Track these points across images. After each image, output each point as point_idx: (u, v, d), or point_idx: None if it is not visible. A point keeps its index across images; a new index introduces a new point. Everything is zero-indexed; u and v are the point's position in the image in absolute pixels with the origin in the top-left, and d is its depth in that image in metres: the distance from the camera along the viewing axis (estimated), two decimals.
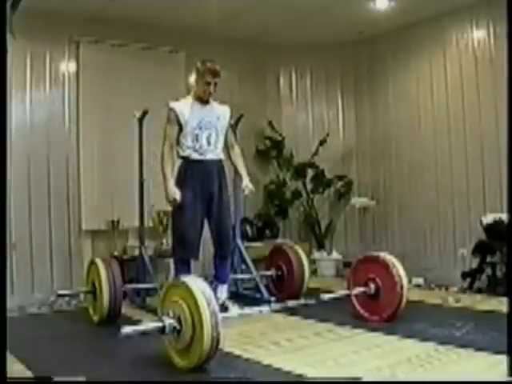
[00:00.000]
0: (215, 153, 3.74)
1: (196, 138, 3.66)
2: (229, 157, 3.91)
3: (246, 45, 5.93)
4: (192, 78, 3.78)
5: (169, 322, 2.66)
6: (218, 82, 3.73)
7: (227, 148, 3.89)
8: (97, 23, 5.03)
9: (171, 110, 3.67)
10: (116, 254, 4.89)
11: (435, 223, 5.41)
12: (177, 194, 3.56)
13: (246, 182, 3.86)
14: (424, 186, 5.53)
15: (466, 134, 5.13)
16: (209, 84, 3.66)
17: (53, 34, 4.89)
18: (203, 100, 3.73)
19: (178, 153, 3.70)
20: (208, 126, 3.70)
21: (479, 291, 4.50)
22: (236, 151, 3.96)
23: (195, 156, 3.67)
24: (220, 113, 3.81)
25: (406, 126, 5.73)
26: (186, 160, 3.68)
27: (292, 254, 4.43)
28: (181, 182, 3.63)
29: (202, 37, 5.40)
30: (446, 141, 5.31)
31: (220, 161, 3.78)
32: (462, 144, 5.16)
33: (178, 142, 3.69)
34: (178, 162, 3.73)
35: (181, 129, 3.66)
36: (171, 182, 3.58)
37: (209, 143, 3.70)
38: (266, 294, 4.27)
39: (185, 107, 3.69)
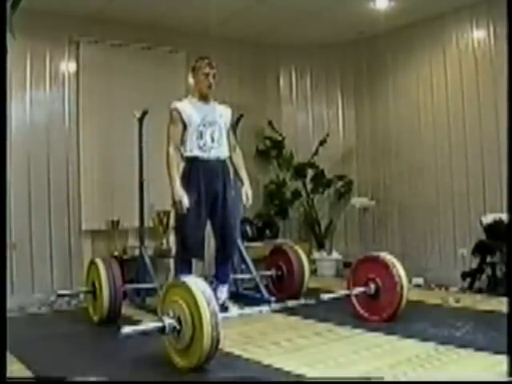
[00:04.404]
0: (219, 150, 3.74)
1: (200, 135, 3.67)
2: (230, 158, 3.91)
3: (245, 45, 5.93)
4: (190, 79, 3.79)
5: (169, 322, 2.66)
6: (218, 81, 3.76)
7: (229, 149, 3.89)
8: (97, 23, 5.03)
9: (174, 109, 3.69)
10: (116, 254, 4.88)
11: (435, 223, 5.41)
12: (184, 197, 3.53)
13: (247, 188, 3.88)
14: (424, 186, 5.53)
15: (466, 134, 5.13)
16: (207, 75, 3.70)
17: (53, 34, 4.89)
18: (204, 97, 3.76)
19: (181, 154, 3.70)
20: (211, 123, 3.72)
21: (479, 291, 4.49)
22: (238, 153, 3.98)
23: (199, 154, 3.66)
24: (222, 111, 3.85)
25: (406, 125, 5.73)
26: (190, 160, 3.68)
27: (292, 253, 4.43)
28: (185, 183, 3.62)
29: (202, 37, 5.41)
30: (446, 141, 5.31)
31: (224, 161, 3.79)
32: (462, 144, 5.16)
33: (181, 141, 3.69)
34: (182, 164, 3.73)
35: (185, 127, 3.67)
36: (178, 184, 3.56)
37: (212, 140, 3.70)
38: (266, 294, 4.26)
39: (187, 106, 3.72)
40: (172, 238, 4.75)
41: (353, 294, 3.59)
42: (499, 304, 3.81)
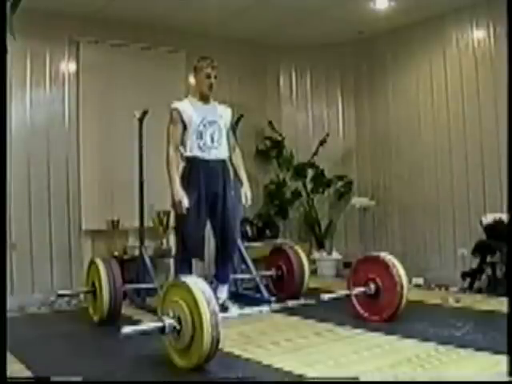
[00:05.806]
0: (219, 150, 3.75)
1: (200, 136, 3.68)
2: (229, 158, 3.92)
3: (246, 45, 5.93)
4: (191, 79, 3.80)
5: (169, 322, 2.66)
6: (218, 80, 3.78)
7: (229, 149, 3.90)
8: (97, 23, 5.03)
9: (174, 109, 3.70)
10: (116, 254, 4.89)
11: (435, 223, 5.41)
12: (184, 198, 3.54)
13: (246, 189, 3.90)
14: (424, 186, 5.53)
15: (466, 134, 5.13)
16: (209, 76, 3.72)
17: (53, 34, 4.89)
18: (205, 98, 3.77)
19: (181, 154, 3.71)
20: (211, 124, 3.73)
21: (479, 291, 4.49)
22: (237, 153, 3.99)
23: (199, 154, 3.67)
24: (221, 111, 3.87)
25: (406, 125, 5.73)
26: (190, 160, 3.69)
27: (292, 254, 4.43)
28: (185, 183, 3.63)
29: (201, 37, 5.41)
30: (446, 140, 5.31)
31: (224, 161, 3.80)
32: (462, 144, 5.16)
33: (181, 141, 3.70)
34: (182, 164, 3.73)
35: (185, 127, 3.68)
36: (177, 184, 3.57)
37: (212, 140, 3.71)
38: (266, 294, 4.26)
39: (187, 106, 3.73)
40: (172, 238, 4.75)
41: (353, 294, 3.59)
42: (499, 304, 3.80)
